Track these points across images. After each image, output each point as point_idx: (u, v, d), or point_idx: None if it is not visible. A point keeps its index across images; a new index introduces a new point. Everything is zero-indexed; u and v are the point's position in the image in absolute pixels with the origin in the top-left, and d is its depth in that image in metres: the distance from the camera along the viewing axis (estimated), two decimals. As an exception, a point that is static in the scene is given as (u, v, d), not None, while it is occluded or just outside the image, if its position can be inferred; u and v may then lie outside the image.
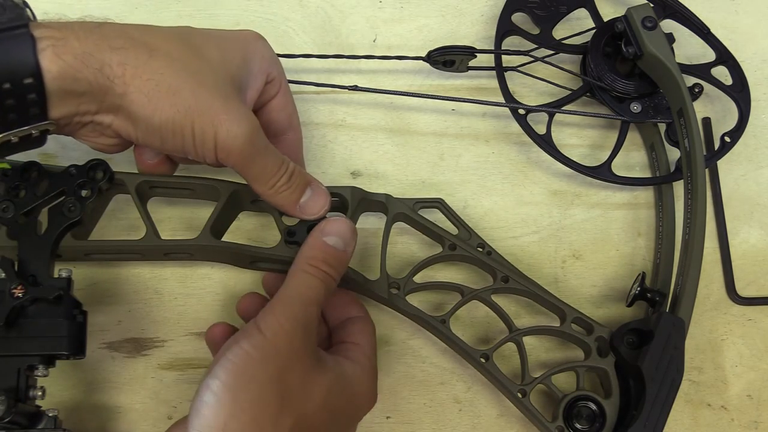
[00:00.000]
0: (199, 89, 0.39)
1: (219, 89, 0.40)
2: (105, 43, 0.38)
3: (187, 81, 0.39)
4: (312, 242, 0.42)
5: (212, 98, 0.39)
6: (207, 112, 0.39)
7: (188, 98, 0.39)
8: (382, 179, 0.54)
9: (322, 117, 0.55)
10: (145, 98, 0.38)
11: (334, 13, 0.58)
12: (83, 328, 0.43)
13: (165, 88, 0.38)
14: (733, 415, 0.50)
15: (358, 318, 0.46)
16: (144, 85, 0.38)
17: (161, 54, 0.39)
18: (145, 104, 0.38)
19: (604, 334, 0.47)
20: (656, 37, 0.51)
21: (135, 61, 0.38)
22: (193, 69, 0.40)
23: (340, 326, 0.46)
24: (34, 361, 0.41)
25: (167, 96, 0.38)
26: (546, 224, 0.54)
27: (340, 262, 0.42)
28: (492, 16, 0.58)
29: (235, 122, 0.39)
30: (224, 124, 0.39)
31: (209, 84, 0.40)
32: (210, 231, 0.45)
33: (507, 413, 0.49)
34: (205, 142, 0.39)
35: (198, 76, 0.39)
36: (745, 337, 0.52)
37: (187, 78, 0.39)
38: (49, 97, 0.37)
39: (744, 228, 0.54)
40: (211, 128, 0.39)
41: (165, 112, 0.38)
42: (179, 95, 0.38)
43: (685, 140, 0.50)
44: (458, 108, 0.56)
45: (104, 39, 0.38)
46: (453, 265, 0.51)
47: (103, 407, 0.48)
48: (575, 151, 0.55)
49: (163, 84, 0.38)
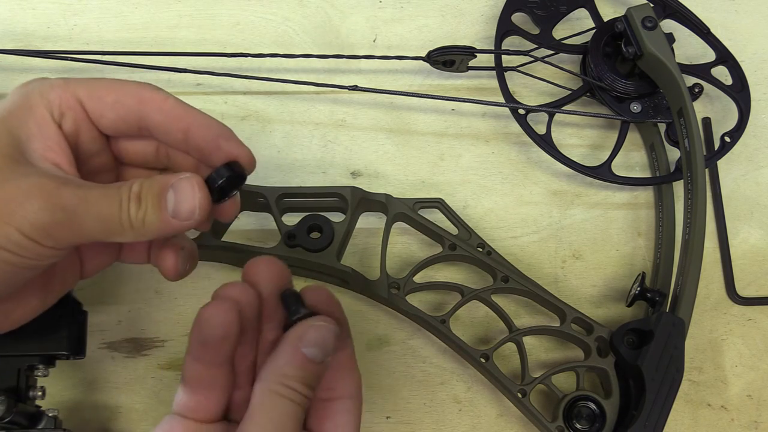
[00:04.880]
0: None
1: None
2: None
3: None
4: (289, 354, 0.33)
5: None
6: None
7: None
8: (382, 179, 0.54)
9: (322, 117, 0.55)
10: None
11: (334, 13, 0.58)
12: (83, 328, 0.43)
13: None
14: (733, 415, 0.50)
15: (347, 401, 0.36)
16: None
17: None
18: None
19: (604, 334, 0.47)
20: (656, 37, 0.51)
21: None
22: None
23: (318, 404, 0.35)
24: (34, 361, 0.41)
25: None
26: (546, 224, 0.54)
27: (317, 379, 0.34)
28: (492, 16, 0.58)
29: (24, 201, 0.31)
30: (15, 212, 0.31)
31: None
32: (210, 231, 0.45)
33: (507, 413, 0.49)
34: (20, 243, 0.31)
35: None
36: (745, 337, 0.52)
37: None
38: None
39: (744, 228, 0.54)
40: (8, 227, 0.31)
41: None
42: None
43: (685, 140, 0.50)
44: (458, 108, 0.56)
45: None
46: (453, 265, 0.51)
47: (103, 407, 0.48)
48: (575, 151, 0.55)
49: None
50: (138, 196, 0.33)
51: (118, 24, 0.56)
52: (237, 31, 0.57)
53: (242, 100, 0.55)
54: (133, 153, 0.38)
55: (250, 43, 0.57)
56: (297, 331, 0.33)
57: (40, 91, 0.34)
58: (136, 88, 0.35)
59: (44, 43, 0.55)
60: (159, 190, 0.33)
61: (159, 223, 0.33)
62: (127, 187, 0.33)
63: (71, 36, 0.56)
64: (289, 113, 0.55)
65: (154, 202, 0.33)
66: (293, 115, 0.55)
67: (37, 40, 0.55)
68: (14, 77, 0.54)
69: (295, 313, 0.34)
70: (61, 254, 0.32)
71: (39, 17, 0.56)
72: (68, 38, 0.56)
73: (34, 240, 0.31)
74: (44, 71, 0.54)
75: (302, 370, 0.33)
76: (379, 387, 0.49)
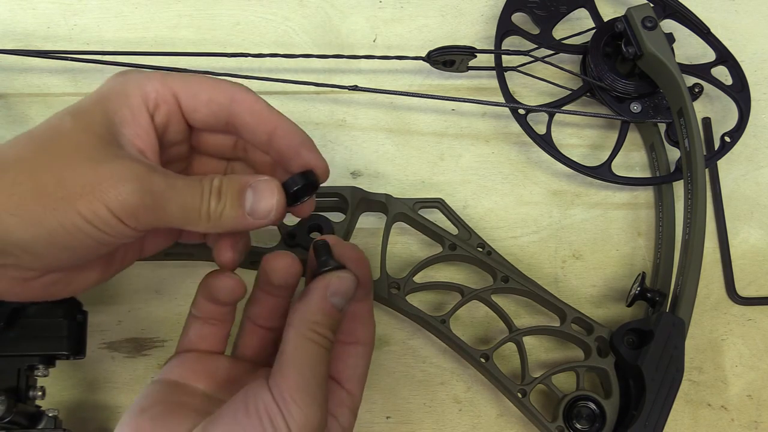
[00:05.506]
0: (64, 174, 0.33)
1: (85, 160, 0.33)
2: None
3: (48, 173, 0.33)
4: (319, 302, 0.36)
5: (82, 174, 0.33)
6: (83, 192, 0.32)
7: (57, 191, 0.32)
8: (382, 179, 0.54)
9: (322, 117, 0.55)
10: (18, 219, 0.32)
11: (334, 13, 0.58)
12: (83, 328, 0.43)
13: (29, 196, 0.32)
14: (733, 415, 0.50)
15: (360, 347, 0.40)
16: (9, 206, 0.32)
17: (11, 162, 0.33)
18: (22, 225, 0.32)
19: (604, 334, 0.47)
20: (656, 37, 0.51)
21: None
22: (49, 156, 0.33)
23: (337, 347, 0.39)
24: (34, 361, 0.41)
25: (36, 202, 0.32)
26: (546, 224, 0.54)
27: (339, 325, 0.37)
28: (492, 16, 0.58)
29: (118, 182, 0.33)
30: (108, 191, 0.32)
31: (73, 161, 0.33)
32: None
33: (507, 413, 0.49)
34: (107, 221, 0.33)
35: (58, 161, 0.33)
36: (745, 337, 0.52)
37: (45, 171, 0.33)
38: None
39: (744, 228, 0.54)
40: (100, 204, 0.32)
41: (46, 220, 0.32)
42: (47, 195, 0.32)
43: (685, 140, 0.50)
44: (458, 108, 0.56)
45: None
46: (453, 265, 0.51)
47: (103, 407, 0.48)
48: (575, 151, 0.55)
49: (25, 193, 0.32)
50: (219, 191, 0.35)
51: (118, 24, 0.56)
52: (237, 31, 0.57)
53: (242, 100, 0.55)
54: (212, 145, 0.40)
55: (250, 43, 0.57)
56: (324, 281, 0.36)
57: (138, 81, 0.36)
58: (230, 88, 0.38)
59: (44, 43, 0.55)
60: (239, 188, 0.35)
61: (235, 218, 0.35)
62: (208, 181, 0.35)
63: (71, 36, 0.56)
64: (289, 113, 0.54)
65: (234, 199, 0.35)
66: (293, 115, 0.54)
67: (37, 40, 0.55)
68: (14, 77, 0.54)
69: (325, 265, 0.37)
70: (138, 235, 0.34)
71: (39, 17, 0.56)
72: (68, 38, 0.56)
73: (119, 219, 0.33)
74: (44, 71, 0.54)
75: (329, 318, 0.36)
76: (379, 387, 0.49)
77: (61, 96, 0.54)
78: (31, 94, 0.54)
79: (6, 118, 0.53)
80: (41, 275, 0.34)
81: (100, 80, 0.54)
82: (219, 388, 0.38)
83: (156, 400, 0.36)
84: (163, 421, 0.34)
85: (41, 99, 0.54)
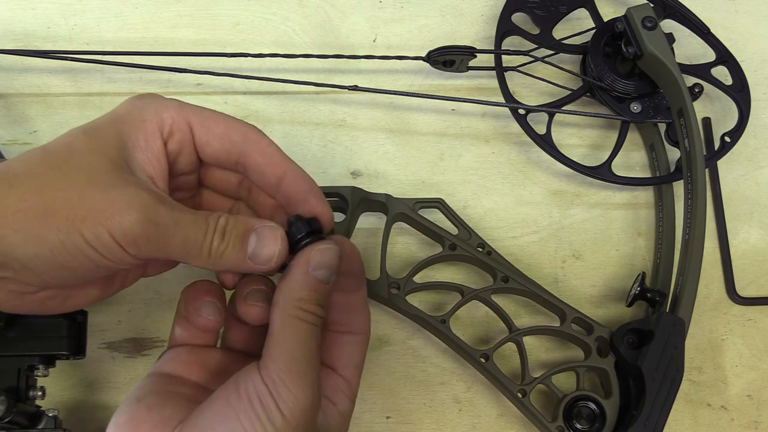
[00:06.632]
0: (70, 195, 0.33)
1: (94, 183, 0.34)
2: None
3: (55, 193, 0.33)
4: (301, 279, 0.35)
5: (89, 197, 0.33)
6: (88, 215, 0.33)
7: (63, 211, 0.33)
8: (382, 179, 0.54)
9: (322, 117, 0.55)
10: (21, 236, 0.32)
11: (334, 13, 0.58)
12: (83, 328, 0.43)
13: (34, 213, 0.32)
14: (733, 415, 0.50)
15: (356, 336, 0.40)
16: (14, 221, 0.32)
17: (21, 177, 0.33)
18: (24, 242, 0.32)
19: (604, 334, 0.47)
20: (656, 37, 0.51)
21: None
22: (59, 175, 0.34)
23: (332, 336, 0.40)
24: (34, 361, 0.41)
25: (41, 221, 0.32)
26: (546, 224, 0.54)
27: (327, 298, 0.36)
28: (492, 16, 0.58)
29: (124, 209, 0.33)
30: (113, 217, 0.33)
31: (82, 182, 0.33)
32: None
33: (507, 413, 0.49)
34: (108, 246, 0.33)
35: (67, 181, 0.33)
36: (745, 337, 0.52)
37: (53, 190, 0.33)
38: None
39: (744, 228, 0.54)
40: (102, 229, 0.33)
41: (48, 239, 0.32)
42: (53, 214, 0.32)
43: (685, 140, 0.50)
44: (458, 108, 0.56)
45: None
46: (453, 265, 0.51)
47: (103, 407, 0.48)
48: (575, 151, 0.55)
49: (30, 210, 0.32)
50: (223, 231, 0.35)
51: (118, 24, 0.56)
52: (237, 31, 0.57)
53: (242, 100, 0.55)
54: (217, 180, 0.40)
55: (250, 43, 0.57)
56: (304, 256, 0.36)
57: (156, 107, 0.37)
58: (244, 128, 0.38)
59: (44, 43, 0.55)
60: (244, 231, 0.35)
61: (236, 260, 0.35)
62: (215, 219, 0.35)
63: (71, 36, 0.56)
64: (289, 113, 0.55)
65: (237, 241, 0.35)
66: (293, 115, 0.55)
67: (37, 40, 0.55)
68: (14, 77, 0.54)
69: (300, 240, 0.36)
70: (137, 263, 0.34)
71: (39, 17, 0.56)
72: (68, 38, 0.56)
73: (121, 246, 0.33)
74: (44, 71, 0.54)
75: (315, 292, 0.35)
76: (379, 387, 0.49)
77: (61, 96, 0.54)
78: (31, 94, 0.54)
79: (6, 118, 0.53)
80: (39, 290, 0.35)
81: (100, 80, 0.54)
82: (212, 379, 0.38)
83: (150, 390, 0.36)
84: (158, 409, 0.35)
85: (41, 99, 0.54)
